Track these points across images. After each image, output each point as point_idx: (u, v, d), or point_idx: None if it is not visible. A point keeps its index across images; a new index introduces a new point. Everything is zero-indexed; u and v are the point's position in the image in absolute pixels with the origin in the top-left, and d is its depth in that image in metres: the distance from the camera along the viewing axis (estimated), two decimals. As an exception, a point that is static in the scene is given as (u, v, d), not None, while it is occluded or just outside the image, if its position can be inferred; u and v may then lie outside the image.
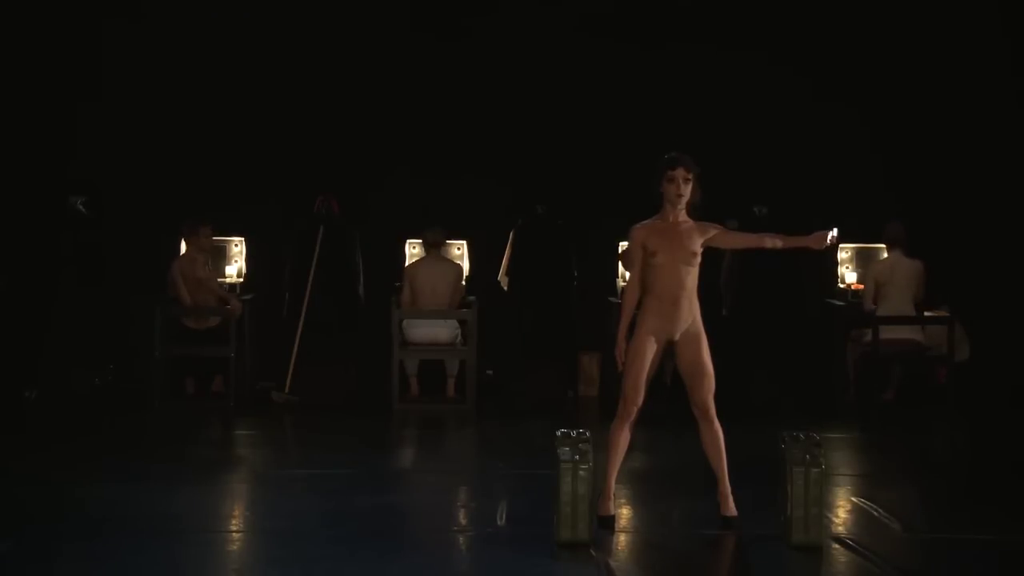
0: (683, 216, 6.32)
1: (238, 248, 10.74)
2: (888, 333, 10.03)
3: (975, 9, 11.11)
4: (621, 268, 10.69)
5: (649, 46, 11.15)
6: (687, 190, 6.27)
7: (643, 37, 11.17)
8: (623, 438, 6.36)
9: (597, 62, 11.20)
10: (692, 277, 6.28)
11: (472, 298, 10.53)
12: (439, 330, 10.38)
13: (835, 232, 6.25)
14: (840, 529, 6.44)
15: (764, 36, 11.16)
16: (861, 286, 10.58)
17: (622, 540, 6.31)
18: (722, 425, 6.35)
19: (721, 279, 10.43)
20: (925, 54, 11.15)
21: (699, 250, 6.28)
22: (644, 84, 11.17)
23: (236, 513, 6.62)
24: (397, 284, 10.57)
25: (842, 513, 6.81)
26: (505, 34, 11.20)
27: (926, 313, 10.26)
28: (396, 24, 11.21)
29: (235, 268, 10.80)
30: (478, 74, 11.23)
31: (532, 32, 11.21)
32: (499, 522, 6.58)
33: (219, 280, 10.47)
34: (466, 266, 10.86)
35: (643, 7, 11.18)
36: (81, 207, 10.59)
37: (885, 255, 10.45)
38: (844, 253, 10.88)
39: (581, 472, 5.91)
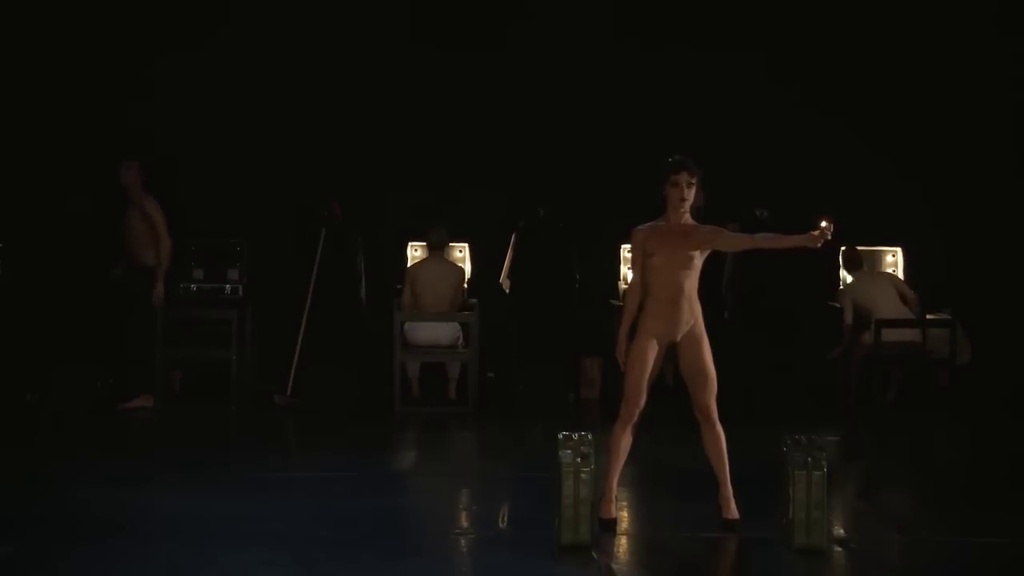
0: (686, 219, 6.32)
1: (240, 250, 10.72)
2: (890, 336, 10.05)
3: (974, 11, 11.12)
4: (623, 270, 10.71)
5: (650, 49, 11.16)
6: (690, 194, 6.27)
7: (644, 40, 11.17)
8: (625, 441, 6.37)
9: (598, 65, 11.21)
10: (691, 279, 6.27)
11: (474, 300, 10.53)
12: (440, 332, 10.38)
13: (830, 230, 6.13)
14: (841, 532, 6.44)
15: (765, 39, 11.17)
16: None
17: (623, 543, 6.31)
18: (724, 428, 6.35)
19: (723, 282, 10.43)
20: (926, 57, 11.16)
21: (697, 252, 6.27)
22: (646, 86, 11.18)
23: (238, 516, 6.61)
24: (399, 287, 10.57)
25: (844, 516, 6.81)
26: (506, 37, 11.20)
27: (927, 316, 10.28)
28: (398, 32, 11.22)
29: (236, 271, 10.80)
30: (480, 77, 11.24)
31: (532, 35, 11.22)
32: (501, 525, 6.59)
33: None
34: (468, 269, 10.86)
35: (644, 10, 11.19)
36: (82, 207, 10.58)
37: (851, 278, 10.57)
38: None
39: (583, 475, 5.91)
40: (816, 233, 6.09)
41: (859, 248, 10.71)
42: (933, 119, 11.15)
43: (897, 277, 10.55)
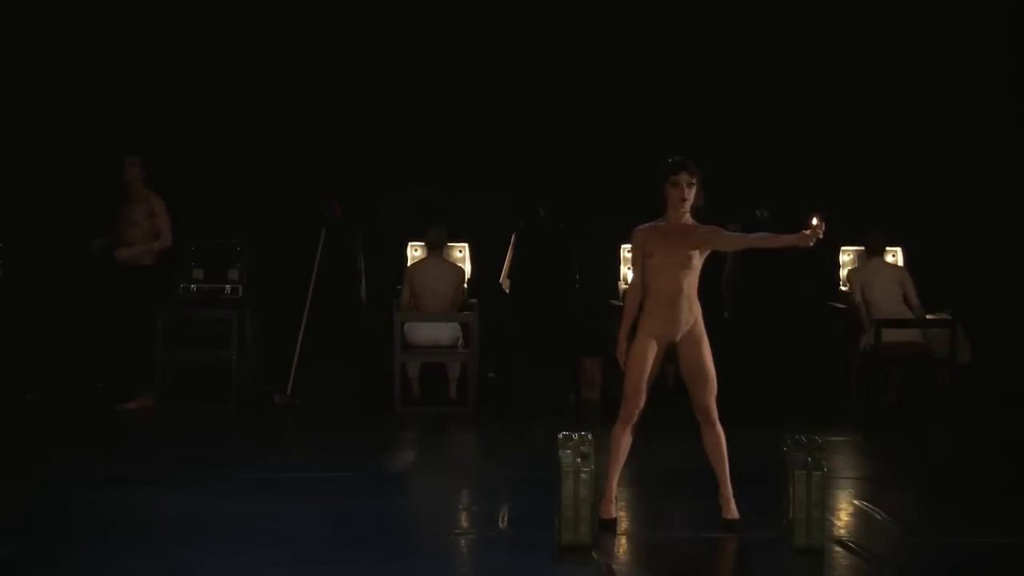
0: (686, 219, 6.32)
1: (240, 250, 10.71)
2: (890, 336, 10.05)
3: (974, 12, 11.13)
4: (623, 270, 10.70)
5: (651, 49, 11.16)
6: (691, 194, 6.27)
7: (644, 40, 11.17)
8: (624, 441, 6.37)
9: (599, 65, 11.21)
10: (690, 279, 6.28)
11: (474, 301, 10.53)
12: (440, 332, 10.38)
13: (822, 228, 6.12)
14: (842, 532, 6.44)
15: (766, 40, 11.17)
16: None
17: (623, 543, 6.31)
18: (724, 428, 6.36)
19: (723, 281, 10.43)
20: (927, 59, 11.16)
21: (696, 252, 6.27)
22: (646, 86, 11.17)
23: (238, 516, 6.61)
24: (398, 287, 10.57)
25: (844, 516, 6.81)
26: (506, 37, 11.20)
27: (928, 316, 10.28)
28: (398, 32, 11.22)
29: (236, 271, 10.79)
30: (480, 77, 11.23)
31: (533, 35, 11.22)
32: (501, 525, 6.59)
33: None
34: (468, 269, 10.86)
35: (644, 11, 11.19)
36: (82, 207, 10.58)
37: (862, 262, 10.58)
38: (846, 256, 10.89)
39: (583, 475, 5.91)
40: (808, 232, 6.09)
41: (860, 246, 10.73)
42: (933, 119, 11.15)
43: (907, 277, 10.42)
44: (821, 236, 6.09)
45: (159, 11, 10.97)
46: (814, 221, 6.06)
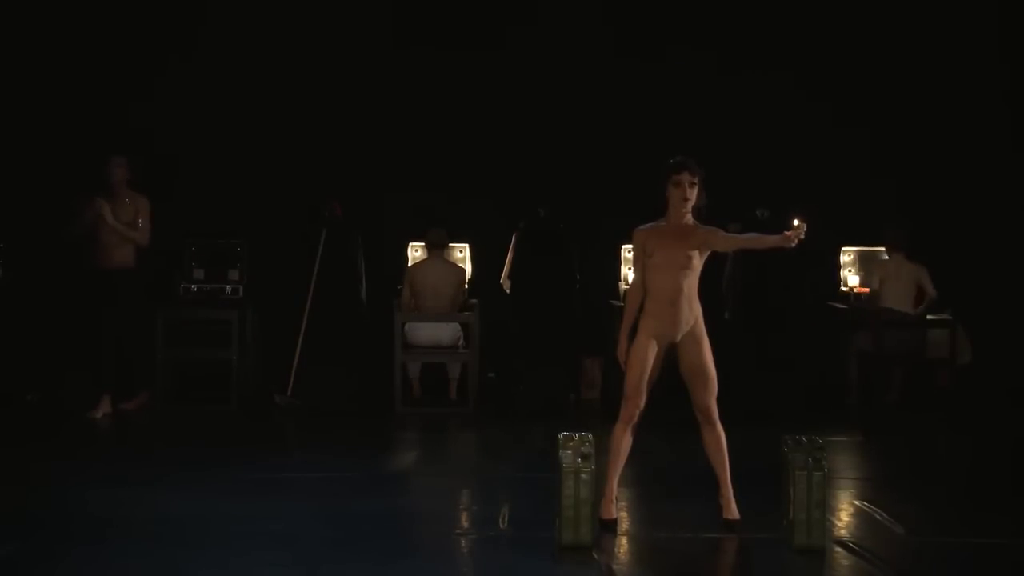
0: (687, 219, 6.33)
1: (240, 250, 10.70)
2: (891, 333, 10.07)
3: (974, 13, 11.13)
4: (623, 270, 10.70)
5: (651, 51, 11.16)
6: (692, 194, 6.28)
7: (646, 43, 11.17)
8: (625, 441, 6.37)
9: (598, 65, 11.21)
10: (690, 279, 6.28)
11: (474, 301, 10.53)
12: (441, 333, 10.38)
13: (803, 229, 6.14)
14: (842, 532, 6.44)
15: (765, 40, 11.17)
16: (865, 289, 10.62)
17: (624, 543, 6.31)
18: (724, 428, 6.36)
19: (723, 282, 10.43)
20: (926, 59, 11.16)
21: (696, 252, 6.28)
22: (647, 87, 11.17)
23: (238, 516, 6.62)
24: (399, 287, 10.57)
25: (844, 516, 6.81)
26: (507, 38, 11.20)
27: (928, 316, 10.29)
28: (399, 32, 11.22)
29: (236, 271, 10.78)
30: (480, 78, 11.23)
31: (533, 37, 11.22)
32: (501, 525, 6.58)
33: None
34: (468, 269, 10.86)
35: (643, 12, 11.19)
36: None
37: (886, 257, 10.54)
38: (846, 256, 10.89)
39: (583, 475, 5.91)
40: (789, 233, 6.11)
41: (868, 247, 10.72)
42: (933, 120, 11.14)
43: (924, 273, 10.36)
44: (803, 237, 6.11)
45: (160, 12, 10.97)
46: (795, 222, 6.10)
